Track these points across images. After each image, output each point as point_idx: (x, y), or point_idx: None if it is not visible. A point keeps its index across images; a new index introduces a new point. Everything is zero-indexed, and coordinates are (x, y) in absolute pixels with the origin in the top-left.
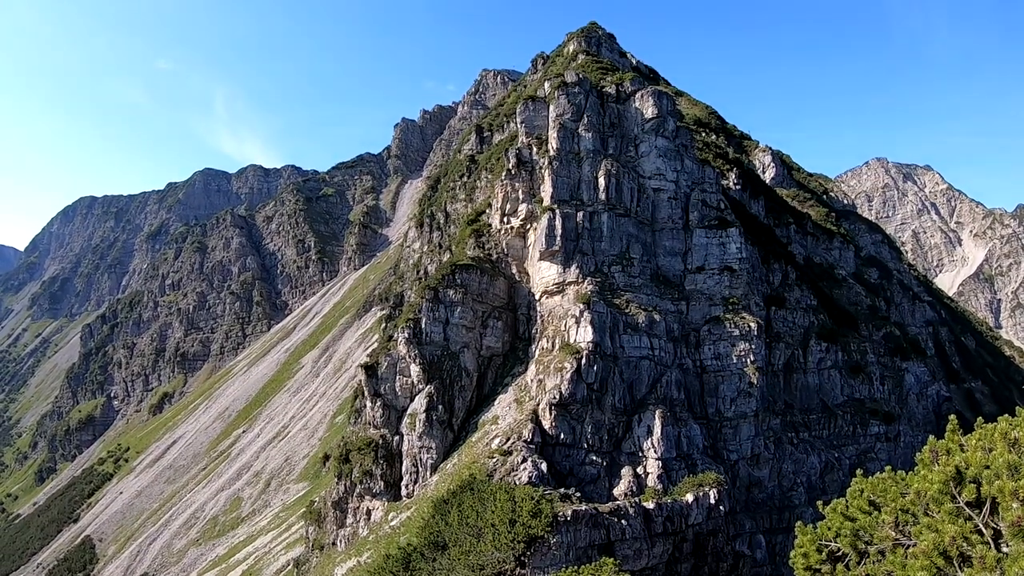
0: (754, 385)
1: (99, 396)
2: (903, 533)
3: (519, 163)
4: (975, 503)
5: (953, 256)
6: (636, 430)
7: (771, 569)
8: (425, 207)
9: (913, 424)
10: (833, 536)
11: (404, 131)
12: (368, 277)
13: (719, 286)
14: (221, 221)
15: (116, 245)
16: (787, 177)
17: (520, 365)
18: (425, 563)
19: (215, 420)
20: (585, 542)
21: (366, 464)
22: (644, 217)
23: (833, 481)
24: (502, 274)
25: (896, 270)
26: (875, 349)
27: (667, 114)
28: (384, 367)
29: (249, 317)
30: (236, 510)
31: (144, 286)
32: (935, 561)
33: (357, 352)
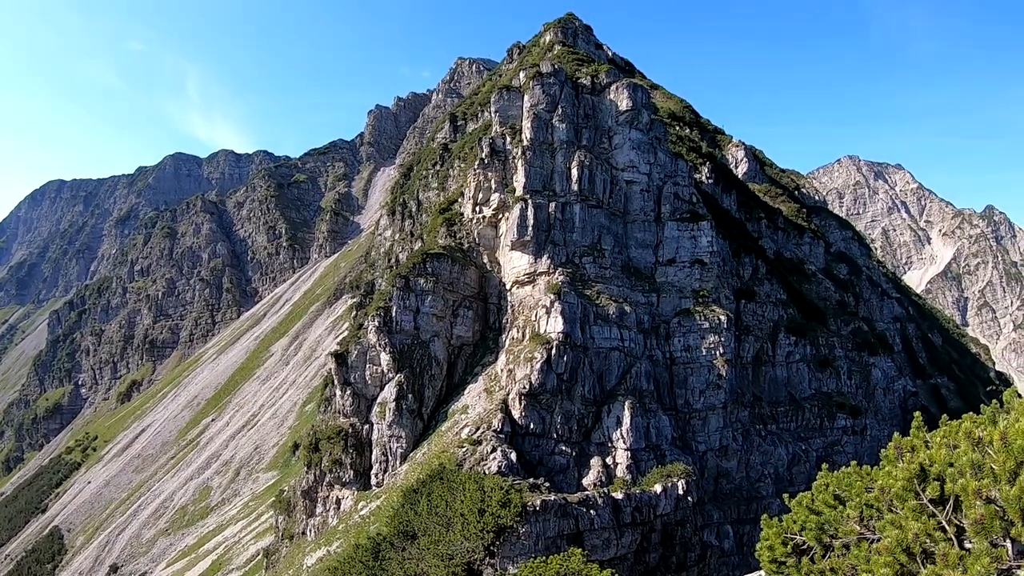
0: (723, 377)
1: (67, 384)
2: (868, 528)
3: (492, 152)
4: (939, 500)
5: (922, 254)
6: (605, 421)
7: (739, 559)
8: (397, 195)
9: (879, 418)
10: (798, 529)
11: (378, 118)
12: (339, 265)
13: (690, 279)
14: (191, 206)
15: (85, 230)
16: (759, 172)
17: (490, 355)
18: (395, 552)
19: (184, 408)
20: (554, 532)
21: (336, 453)
22: (616, 209)
23: (800, 473)
24: (473, 263)
25: (865, 266)
26: (843, 344)
27: (641, 107)
28: (354, 355)
29: (219, 304)
30: (205, 499)
31: (113, 272)
32: (898, 557)
33: (327, 340)
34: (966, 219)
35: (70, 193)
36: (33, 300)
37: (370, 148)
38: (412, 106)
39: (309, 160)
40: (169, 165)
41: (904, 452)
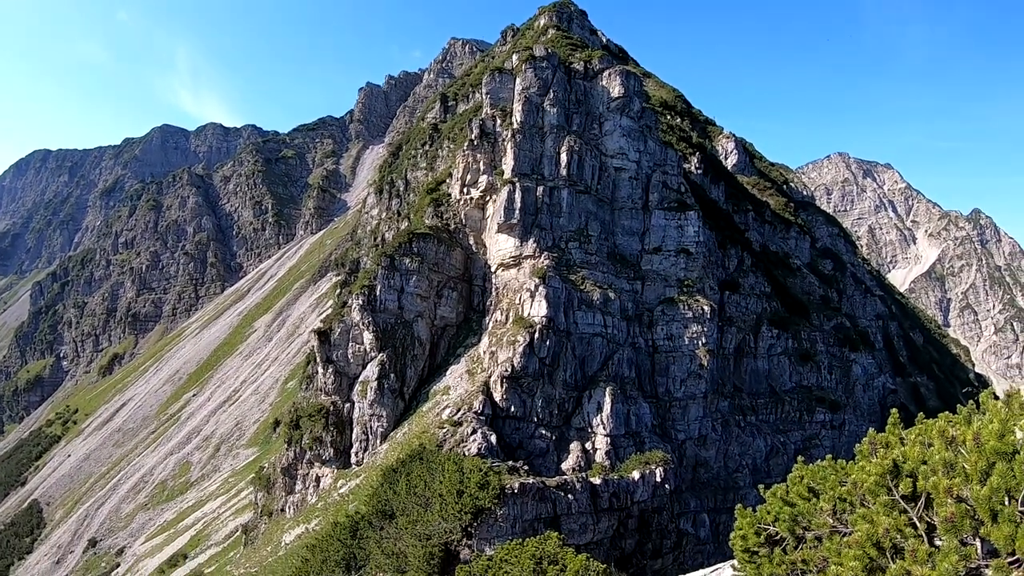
0: (704, 367)
1: (48, 356)
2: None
3: (482, 134)
4: (911, 497)
5: (907, 254)
6: (586, 406)
7: (714, 548)
8: (385, 174)
9: (858, 413)
10: (772, 520)
11: (368, 96)
12: (325, 242)
13: (675, 268)
14: (178, 179)
15: (69, 201)
16: (749, 165)
17: (473, 336)
18: (373, 531)
19: (165, 383)
20: (532, 515)
21: (316, 431)
22: (604, 195)
23: (778, 465)
24: (459, 244)
25: (850, 263)
26: (825, 339)
27: (633, 94)
28: (337, 333)
29: (203, 278)
30: (185, 475)
31: (97, 244)
32: (868, 551)
33: (311, 317)
34: (952, 221)
35: (55, 163)
36: (16, 271)
37: (359, 126)
38: (403, 85)
39: (298, 136)
40: (156, 137)
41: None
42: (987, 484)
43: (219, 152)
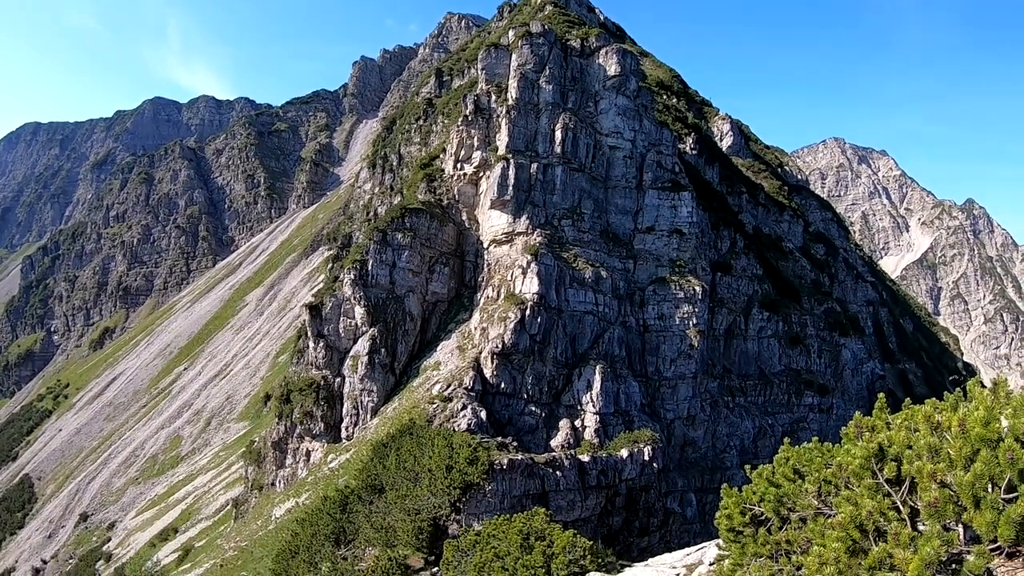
0: (694, 347)
1: (39, 330)
2: (825, 503)
3: (477, 110)
4: (895, 481)
5: (899, 241)
6: (576, 384)
7: (700, 527)
8: (379, 148)
9: (847, 398)
10: (757, 500)
11: (362, 69)
12: (317, 216)
13: (667, 248)
14: (169, 152)
15: (60, 174)
16: (744, 147)
17: (464, 312)
18: (362, 506)
19: (156, 357)
20: (520, 491)
21: (307, 405)
22: (598, 174)
23: (765, 447)
24: (452, 220)
25: (843, 248)
26: (815, 323)
27: (630, 73)
28: (328, 308)
29: (194, 252)
30: (176, 449)
31: (88, 217)
32: (851, 533)
33: (302, 292)
34: (946, 210)
35: (46, 136)
36: (6, 245)
37: (353, 100)
38: (398, 59)
39: (291, 109)
40: (148, 110)
41: (864, 431)
42: (971, 470)
43: (212, 125)
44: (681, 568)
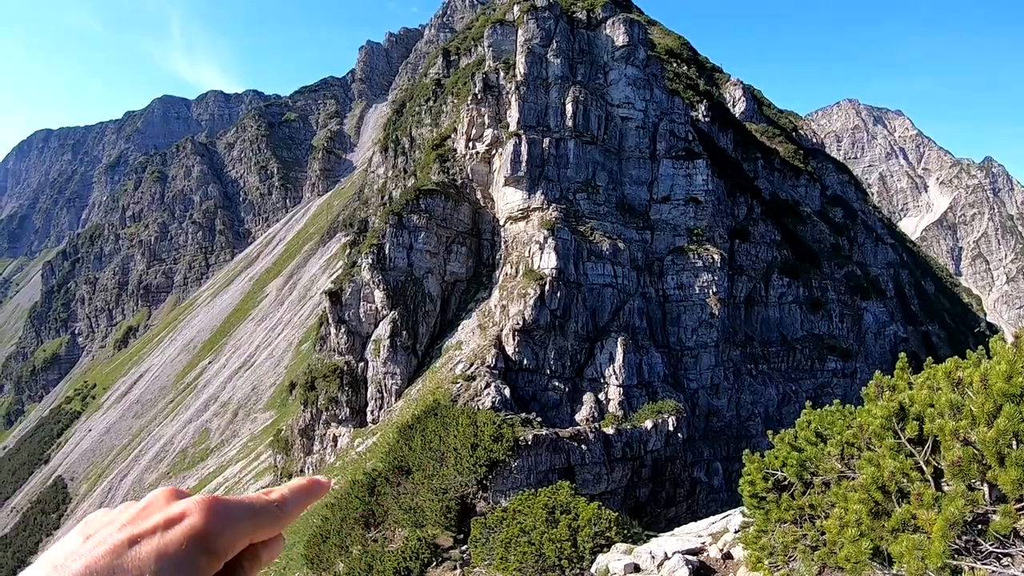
0: (715, 316)
1: (63, 334)
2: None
3: (486, 88)
4: (917, 440)
5: (918, 202)
6: (598, 357)
7: (727, 495)
8: (390, 132)
9: (870, 362)
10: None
11: (369, 54)
12: (332, 203)
13: (684, 217)
14: (181, 149)
15: (74, 178)
16: (757, 112)
17: (484, 291)
18: (390, 487)
19: (180, 352)
20: (546, 466)
21: (332, 391)
22: (611, 145)
23: (790, 413)
24: (467, 199)
25: (861, 211)
26: (836, 287)
27: (638, 43)
28: (348, 293)
29: (212, 246)
30: (205, 441)
31: (104, 219)
32: (873, 495)
33: (321, 279)
34: (964, 169)
35: (58, 142)
36: (26, 252)
37: (362, 85)
38: (404, 42)
39: (300, 98)
40: (157, 108)
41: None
42: (994, 426)
43: (222, 119)
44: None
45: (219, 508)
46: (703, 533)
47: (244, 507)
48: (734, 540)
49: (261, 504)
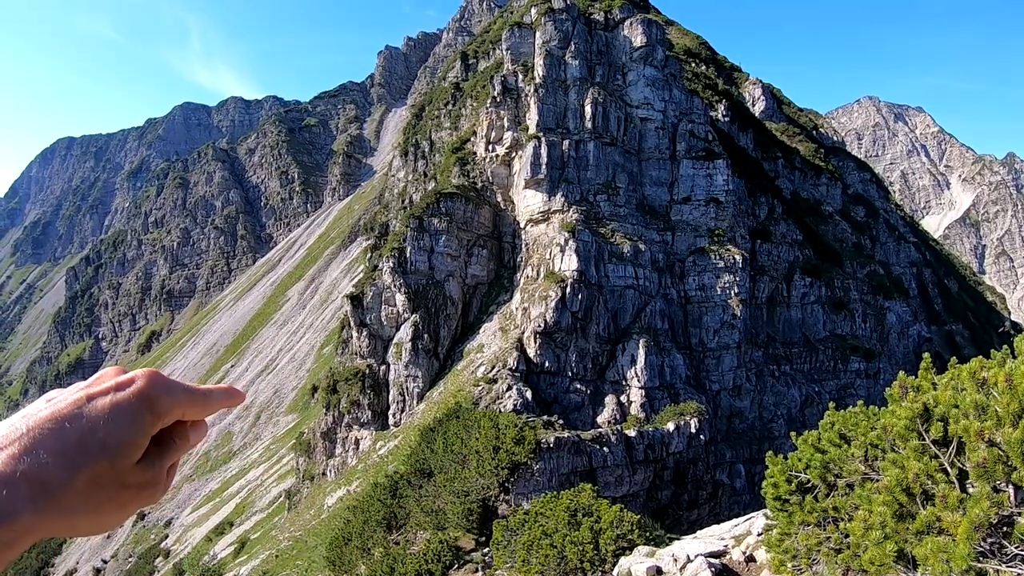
0: (737, 317)
1: (87, 338)
2: (872, 467)
3: (504, 90)
4: (942, 441)
5: (940, 199)
6: (620, 359)
7: (750, 498)
8: (409, 136)
9: (893, 362)
10: (803, 467)
11: (387, 59)
12: (353, 207)
13: (705, 217)
14: (202, 155)
15: (97, 185)
16: (777, 111)
17: (505, 293)
18: (412, 490)
19: (203, 356)
20: (568, 468)
21: (353, 394)
22: (631, 146)
23: (813, 414)
24: (487, 202)
25: (883, 209)
26: (859, 286)
27: (656, 43)
28: (369, 297)
29: (234, 251)
30: (227, 444)
31: (127, 225)
32: (897, 497)
33: (343, 283)
34: (987, 165)
35: (80, 149)
36: (50, 258)
37: (381, 89)
38: (422, 46)
39: (319, 104)
40: (178, 115)
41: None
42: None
43: (242, 125)
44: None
45: (160, 378)
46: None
47: (180, 384)
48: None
49: (193, 387)
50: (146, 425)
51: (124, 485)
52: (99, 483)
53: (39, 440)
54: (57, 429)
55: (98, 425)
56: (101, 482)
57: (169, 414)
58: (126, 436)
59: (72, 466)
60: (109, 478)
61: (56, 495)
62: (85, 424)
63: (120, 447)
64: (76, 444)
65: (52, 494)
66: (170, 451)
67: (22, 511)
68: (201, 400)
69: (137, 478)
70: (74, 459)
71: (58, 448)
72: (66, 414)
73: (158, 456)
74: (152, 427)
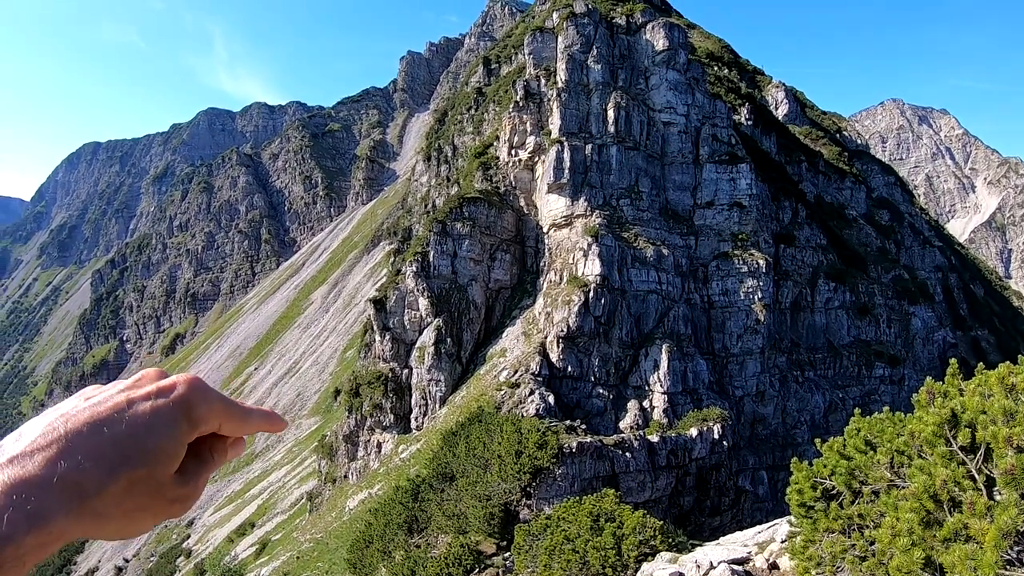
0: (761, 322)
1: (112, 340)
2: (898, 474)
3: (527, 95)
4: (969, 448)
5: (966, 203)
6: (643, 364)
7: (772, 505)
8: (432, 140)
9: (918, 368)
10: (828, 474)
11: (410, 64)
12: (376, 212)
13: (728, 222)
14: (227, 160)
15: (122, 189)
16: (800, 114)
17: (528, 298)
18: (434, 494)
19: (227, 358)
20: (590, 473)
21: (376, 398)
22: (654, 151)
23: (837, 421)
24: (510, 207)
25: (907, 213)
26: (883, 291)
27: (678, 46)
28: (393, 301)
29: (258, 255)
30: (250, 446)
31: (152, 229)
32: (924, 503)
33: (366, 287)
34: (1012, 168)
35: (106, 154)
36: (75, 261)
37: (403, 94)
38: (445, 51)
39: (343, 109)
40: (203, 121)
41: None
42: None
43: (266, 130)
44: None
45: (201, 386)
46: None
47: (220, 396)
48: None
49: (233, 401)
50: (183, 434)
51: (158, 494)
52: (134, 491)
53: (78, 443)
54: (96, 433)
55: (138, 432)
56: (137, 490)
57: (206, 424)
58: (166, 445)
59: (110, 472)
60: (145, 486)
61: (92, 501)
62: (125, 430)
63: (159, 456)
64: (115, 450)
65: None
66: (206, 464)
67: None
68: (239, 416)
69: (172, 489)
70: (112, 465)
71: (97, 453)
72: (106, 418)
73: (194, 468)
74: (188, 436)
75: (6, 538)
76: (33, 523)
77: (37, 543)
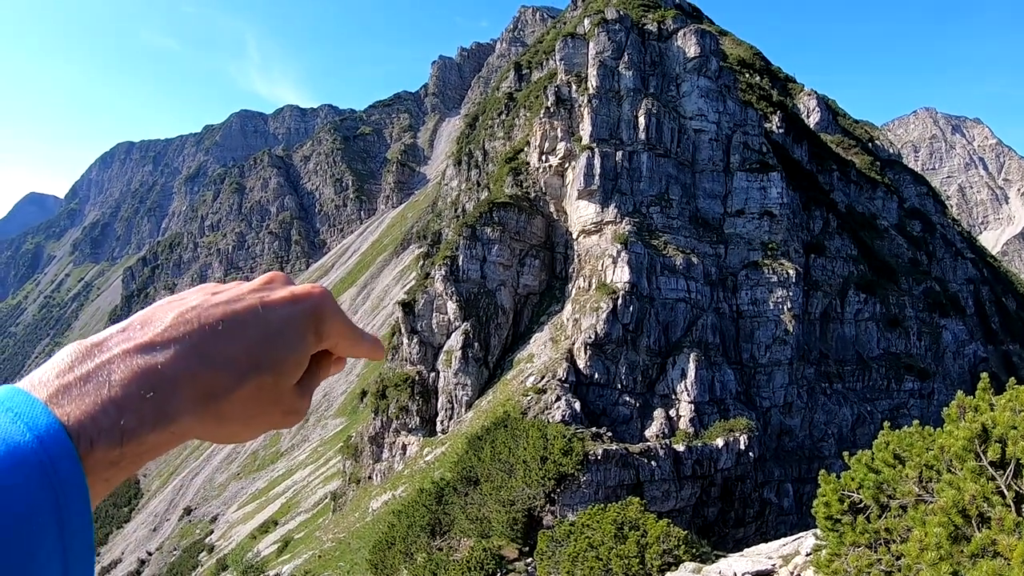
0: (790, 333)
1: None
2: (927, 490)
3: (558, 101)
4: (999, 463)
5: (999, 214)
6: (670, 372)
7: (797, 518)
8: (463, 145)
9: (948, 383)
10: (856, 487)
11: (441, 69)
12: (406, 215)
13: (758, 231)
14: (259, 162)
15: (155, 189)
16: (832, 123)
17: (556, 304)
18: (457, 497)
19: None
20: (615, 481)
21: (402, 400)
22: (684, 158)
23: (864, 434)
24: (540, 212)
25: (940, 224)
26: (914, 303)
27: (710, 54)
28: (421, 304)
29: (288, 256)
30: (275, 445)
31: (184, 228)
32: (953, 518)
33: (395, 290)
34: None
35: (139, 154)
36: (107, 258)
37: (435, 99)
38: (476, 56)
39: (374, 112)
40: (235, 122)
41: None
42: None
43: (297, 133)
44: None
45: (331, 299)
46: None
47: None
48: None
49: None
50: (310, 346)
51: (277, 403)
52: (259, 397)
53: (212, 342)
54: (231, 334)
55: (272, 338)
56: (261, 397)
57: (328, 340)
58: (296, 355)
59: (241, 377)
60: (269, 394)
61: (218, 403)
62: (260, 334)
63: (288, 365)
64: (248, 354)
65: (214, 402)
66: (315, 378)
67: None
68: (355, 338)
69: (290, 399)
70: (244, 370)
71: (231, 355)
72: (241, 319)
73: (307, 381)
74: (314, 348)
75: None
76: (160, 421)
77: (158, 441)
